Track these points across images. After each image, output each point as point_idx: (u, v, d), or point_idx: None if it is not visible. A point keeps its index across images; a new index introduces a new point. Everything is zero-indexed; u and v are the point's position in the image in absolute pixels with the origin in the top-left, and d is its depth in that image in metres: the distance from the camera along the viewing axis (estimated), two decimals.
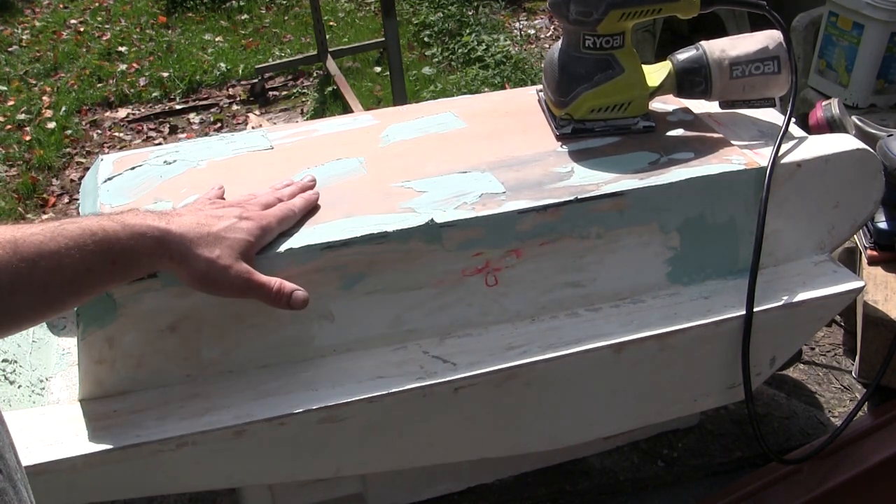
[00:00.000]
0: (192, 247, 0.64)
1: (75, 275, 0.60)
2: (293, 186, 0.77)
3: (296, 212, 0.73)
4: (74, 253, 0.59)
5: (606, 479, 0.93)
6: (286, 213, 0.72)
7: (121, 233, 0.62)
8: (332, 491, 0.85)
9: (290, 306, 0.67)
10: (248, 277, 0.66)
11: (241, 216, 0.69)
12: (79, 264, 0.60)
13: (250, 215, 0.70)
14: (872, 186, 0.85)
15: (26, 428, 0.69)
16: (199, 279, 0.65)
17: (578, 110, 0.84)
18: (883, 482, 0.87)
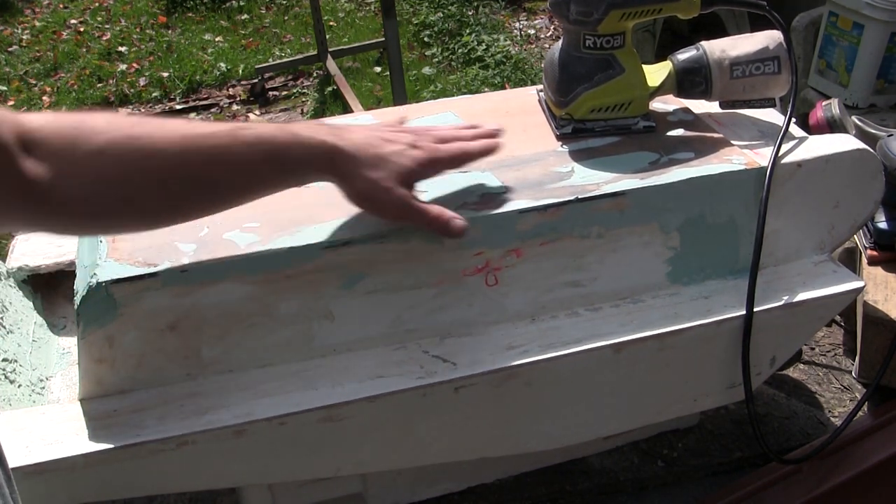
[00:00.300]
0: (358, 165, 0.66)
1: (245, 179, 0.64)
2: (477, 129, 0.76)
3: (471, 154, 0.72)
4: (248, 156, 0.63)
5: (606, 479, 0.93)
6: (460, 152, 0.72)
7: (292, 145, 0.65)
8: (332, 491, 0.85)
9: (448, 232, 0.69)
10: (407, 201, 0.68)
11: (413, 144, 0.70)
12: (251, 166, 0.64)
13: (422, 145, 0.70)
14: (872, 186, 0.85)
15: (26, 427, 0.69)
16: (361, 197, 0.68)
17: (579, 110, 0.84)
18: (883, 482, 0.87)
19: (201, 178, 0.63)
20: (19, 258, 0.89)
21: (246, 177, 0.64)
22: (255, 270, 0.70)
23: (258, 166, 0.64)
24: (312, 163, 0.66)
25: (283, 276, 0.70)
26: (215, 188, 0.64)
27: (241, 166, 0.64)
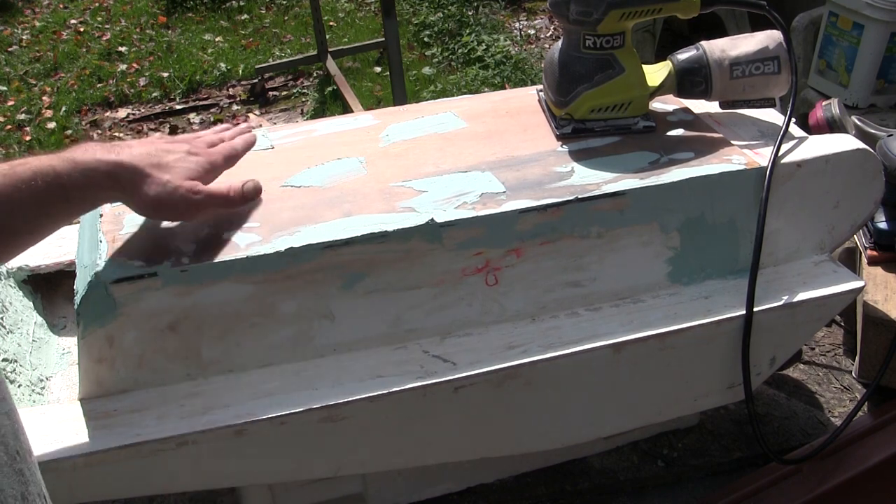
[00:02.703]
0: (143, 175, 0.66)
1: (29, 215, 0.61)
2: (233, 129, 0.80)
3: (238, 150, 0.76)
4: (27, 195, 0.60)
5: (606, 479, 0.93)
6: (230, 151, 0.75)
7: (72, 171, 0.63)
8: (332, 491, 0.85)
9: (245, 199, 0.71)
10: (199, 189, 0.68)
11: (190, 151, 0.72)
12: (32, 205, 0.61)
13: (198, 151, 0.72)
14: (872, 186, 0.85)
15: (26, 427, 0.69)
16: (152, 204, 0.67)
17: (578, 110, 0.84)
18: (883, 482, 0.87)
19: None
20: (19, 258, 0.89)
21: (30, 215, 0.62)
22: (255, 270, 0.70)
23: (41, 202, 0.62)
24: (97, 183, 0.64)
25: (283, 276, 0.70)
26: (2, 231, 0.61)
27: (23, 206, 0.61)
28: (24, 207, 0.61)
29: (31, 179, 0.61)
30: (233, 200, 0.71)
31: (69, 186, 0.63)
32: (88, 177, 0.64)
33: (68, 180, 0.63)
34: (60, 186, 0.62)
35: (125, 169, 0.65)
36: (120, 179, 0.65)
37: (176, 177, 0.68)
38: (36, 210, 0.62)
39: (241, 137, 0.78)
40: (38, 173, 0.61)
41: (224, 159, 0.74)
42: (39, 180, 0.61)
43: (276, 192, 0.78)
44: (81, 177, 0.63)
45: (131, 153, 0.67)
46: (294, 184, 0.79)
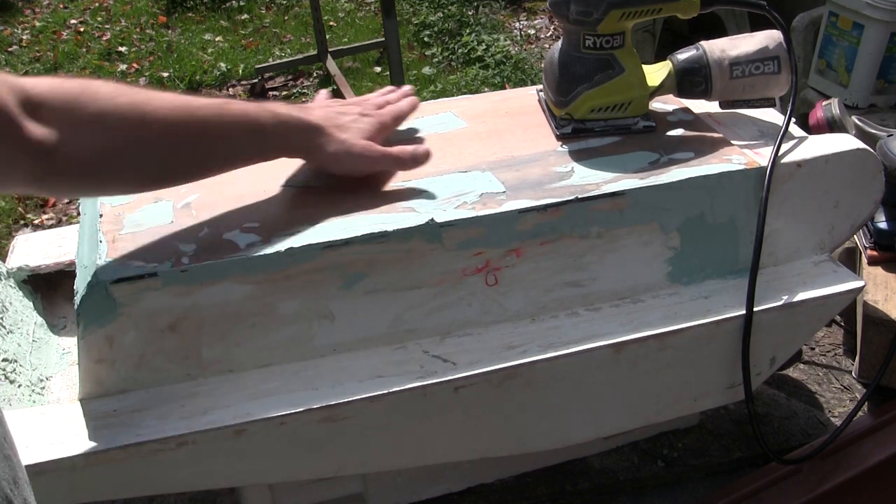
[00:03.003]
0: (325, 134, 0.74)
1: (230, 150, 0.70)
2: (398, 92, 0.87)
3: (405, 111, 0.84)
4: (233, 132, 0.70)
5: (606, 479, 0.93)
6: (397, 112, 0.82)
7: (272, 121, 0.71)
8: (332, 491, 0.85)
9: (415, 161, 0.78)
10: (373, 147, 0.76)
11: (362, 113, 0.79)
12: (234, 141, 0.70)
13: (369, 112, 0.80)
14: (872, 186, 0.85)
15: (26, 427, 0.69)
16: (332, 160, 0.75)
17: (578, 110, 0.84)
18: (883, 482, 0.87)
19: (193, 145, 0.68)
20: (19, 258, 0.89)
21: (230, 148, 0.70)
22: (255, 270, 0.70)
23: (242, 139, 0.70)
24: (290, 137, 0.73)
25: (283, 276, 0.70)
26: (204, 155, 0.69)
27: (228, 138, 0.69)
28: (229, 137, 0.69)
29: (239, 117, 0.69)
30: (404, 161, 0.77)
31: (268, 133, 0.71)
32: (285, 130, 0.72)
33: (269, 129, 0.71)
34: (262, 133, 0.71)
35: (312, 127, 0.74)
36: (308, 136, 0.74)
37: (352, 136, 0.76)
38: (236, 143, 0.70)
39: (406, 100, 0.85)
40: (245, 115, 0.70)
41: (392, 119, 0.81)
42: (246, 122, 0.70)
43: (276, 192, 0.78)
44: (280, 127, 0.72)
45: (317, 115, 0.75)
46: (294, 184, 0.79)
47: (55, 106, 0.61)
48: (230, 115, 0.69)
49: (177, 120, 0.66)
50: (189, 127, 0.67)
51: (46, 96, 0.60)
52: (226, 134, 0.69)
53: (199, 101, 0.68)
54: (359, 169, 0.77)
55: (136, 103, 0.64)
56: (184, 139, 0.67)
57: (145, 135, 0.65)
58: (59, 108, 0.61)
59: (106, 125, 0.63)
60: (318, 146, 0.74)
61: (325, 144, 0.74)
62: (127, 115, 0.64)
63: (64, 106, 0.61)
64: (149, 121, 0.65)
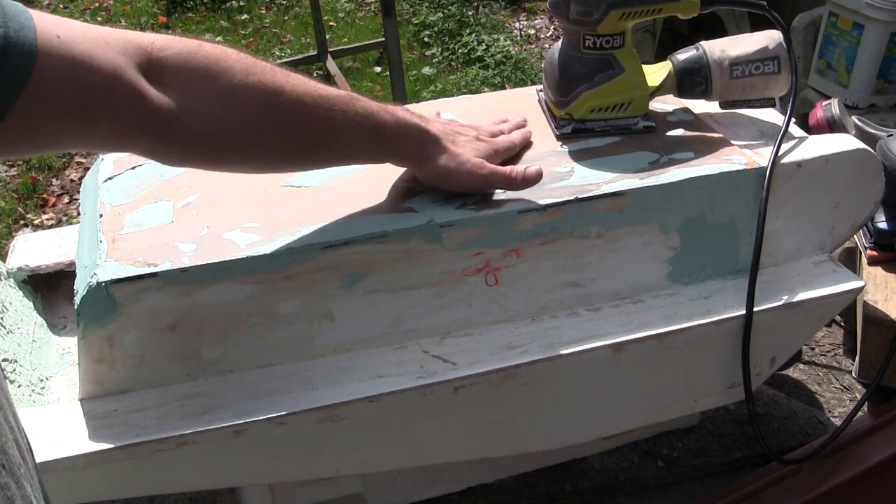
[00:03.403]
0: (440, 147, 0.74)
1: (349, 145, 0.70)
2: (510, 123, 0.86)
3: (516, 145, 0.83)
4: (355, 128, 0.69)
5: (606, 479, 0.93)
6: (510, 143, 0.82)
7: (392, 124, 0.71)
8: (332, 491, 0.85)
9: (526, 181, 0.76)
10: (484, 165, 0.76)
11: (477, 137, 0.80)
12: (355, 138, 0.70)
13: (483, 139, 0.80)
14: (872, 186, 0.85)
15: (26, 427, 0.69)
16: (443, 172, 0.74)
17: (578, 110, 0.84)
18: (883, 482, 0.87)
19: (314, 135, 0.68)
20: (19, 258, 0.89)
21: (350, 144, 0.70)
22: (255, 270, 0.70)
23: (362, 137, 0.70)
24: (407, 143, 0.73)
25: (283, 276, 0.70)
26: (322, 147, 0.69)
27: (349, 134, 0.69)
28: (351, 133, 0.69)
29: (364, 114, 0.69)
30: (514, 181, 0.76)
31: (387, 135, 0.71)
32: (403, 134, 0.72)
33: (388, 129, 0.71)
34: (382, 132, 0.71)
35: (430, 137, 0.74)
36: (423, 144, 0.73)
37: (465, 152, 0.75)
38: (356, 140, 0.70)
39: (518, 132, 0.85)
40: (368, 114, 0.69)
41: (505, 150, 0.81)
42: (368, 120, 0.69)
43: (276, 192, 0.78)
44: (398, 130, 0.72)
45: (436, 126, 0.76)
46: (294, 184, 0.79)
47: (182, 74, 0.60)
48: (354, 111, 0.68)
49: (301, 109, 0.66)
50: (313, 117, 0.66)
51: (173, 62, 0.60)
52: (347, 129, 0.68)
53: (328, 92, 0.68)
54: (468, 186, 0.76)
55: (265, 86, 0.64)
56: (304, 130, 0.67)
57: (268, 120, 0.65)
58: (186, 77, 0.61)
59: (230, 103, 0.62)
60: (430, 156, 0.73)
61: (438, 156, 0.74)
62: (254, 98, 0.63)
63: (192, 76, 0.61)
64: (274, 107, 0.64)
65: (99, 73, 0.56)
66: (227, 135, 0.64)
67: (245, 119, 0.64)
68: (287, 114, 0.65)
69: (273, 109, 0.64)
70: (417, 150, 0.73)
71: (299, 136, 0.67)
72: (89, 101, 0.56)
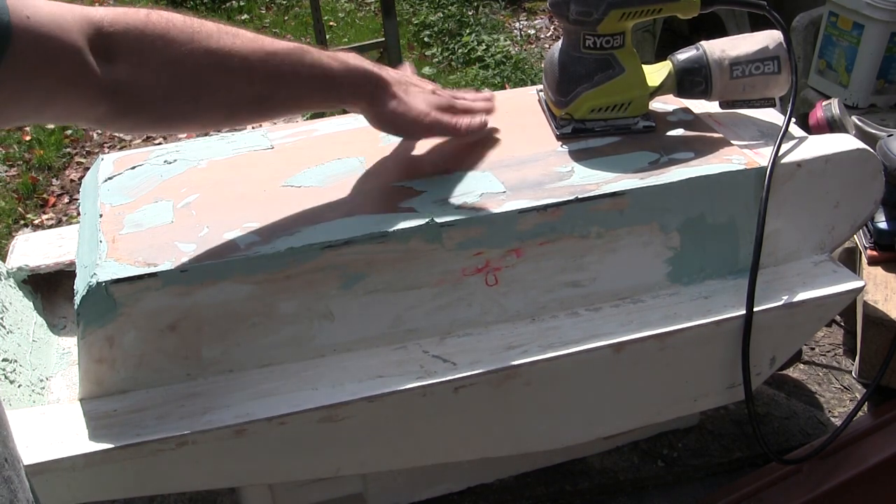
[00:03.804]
0: (390, 92, 0.76)
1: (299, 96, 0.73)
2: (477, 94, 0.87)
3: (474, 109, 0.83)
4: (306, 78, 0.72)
5: (606, 479, 0.93)
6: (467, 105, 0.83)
7: (341, 69, 0.73)
8: (332, 491, 0.85)
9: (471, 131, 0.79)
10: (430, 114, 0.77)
11: (434, 91, 0.81)
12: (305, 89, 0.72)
13: (440, 93, 0.82)
14: (872, 186, 0.85)
15: (26, 427, 0.69)
16: (389, 116, 0.76)
17: (578, 110, 0.84)
18: (883, 482, 0.87)
19: (262, 90, 0.70)
20: (19, 258, 0.89)
21: (300, 94, 0.73)
22: (255, 270, 0.70)
23: (312, 87, 0.72)
24: (357, 86, 0.74)
25: (283, 276, 0.70)
26: (271, 100, 0.71)
27: (298, 85, 0.71)
28: (300, 85, 0.72)
29: (313, 65, 0.71)
30: (459, 130, 0.78)
31: (336, 81, 0.73)
32: (353, 78, 0.74)
33: (336, 76, 0.73)
34: (329, 79, 0.73)
35: (381, 81, 0.76)
36: (372, 85, 0.75)
37: (415, 101, 0.77)
38: (306, 90, 0.72)
39: (481, 103, 0.85)
40: (316, 64, 0.72)
41: (463, 108, 0.82)
42: (317, 69, 0.72)
43: (276, 192, 0.78)
44: (347, 76, 0.74)
45: (390, 73, 0.78)
46: (294, 184, 0.79)
47: (130, 47, 0.62)
48: (302, 64, 0.71)
49: (248, 67, 0.67)
50: (261, 73, 0.68)
51: (122, 36, 0.62)
52: (295, 82, 0.71)
53: (276, 47, 0.70)
54: (413, 132, 0.78)
55: (211, 50, 0.65)
56: (253, 87, 0.69)
57: (216, 83, 0.67)
58: (134, 49, 0.62)
59: (178, 71, 0.64)
60: (379, 99, 0.76)
61: (387, 99, 0.76)
62: (201, 63, 0.65)
63: (140, 48, 0.62)
64: (222, 70, 0.66)
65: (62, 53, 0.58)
66: (178, 101, 0.66)
67: (193, 86, 0.66)
68: (235, 74, 0.67)
69: (221, 72, 0.66)
70: (365, 91, 0.75)
71: (249, 93, 0.69)
72: (51, 80, 0.58)
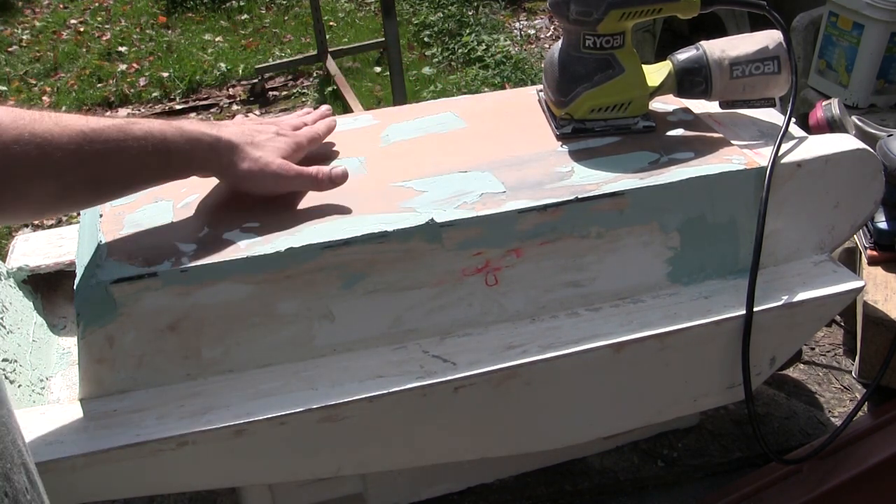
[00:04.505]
0: (239, 151, 0.72)
1: (135, 171, 0.68)
2: (314, 114, 0.86)
3: (321, 134, 0.83)
4: (136, 152, 0.67)
5: (606, 479, 0.93)
6: (313, 134, 0.81)
7: (179, 139, 0.69)
8: (332, 491, 0.85)
9: (332, 182, 0.76)
10: (289, 166, 0.75)
11: (278, 132, 0.78)
12: (138, 162, 0.67)
13: (285, 133, 0.78)
14: (872, 186, 0.85)
15: (26, 427, 0.69)
16: (245, 177, 0.73)
17: (578, 110, 0.84)
18: (883, 482, 0.86)
19: (95, 171, 0.65)
20: (19, 258, 0.89)
21: (135, 170, 0.68)
22: (255, 270, 0.70)
23: (147, 160, 0.68)
24: (199, 153, 0.70)
25: (283, 276, 0.70)
26: (106, 180, 0.67)
27: (132, 160, 0.67)
28: (132, 163, 0.67)
29: (142, 138, 0.67)
30: (320, 181, 0.75)
31: (174, 151, 0.69)
32: (192, 146, 0.70)
33: (174, 146, 0.69)
34: (167, 151, 0.68)
35: (224, 143, 0.72)
36: (219, 152, 0.71)
37: (267, 154, 0.74)
38: (141, 168, 0.68)
39: (322, 122, 0.85)
40: (149, 134, 0.67)
41: (308, 141, 0.80)
42: (149, 141, 0.67)
43: None
44: (186, 144, 0.69)
45: (229, 131, 0.73)
46: None
47: None
48: (133, 135, 0.66)
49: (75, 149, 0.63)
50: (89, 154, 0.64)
51: None
52: (127, 158, 0.66)
53: (101, 122, 0.65)
54: (273, 188, 0.75)
55: (35, 134, 0.61)
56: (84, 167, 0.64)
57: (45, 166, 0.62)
58: None
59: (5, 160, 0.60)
60: (230, 163, 0.72)
61: (239, 162, 0.72)
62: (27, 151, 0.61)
63: None
64: (48, 152, 0.62)
65: None
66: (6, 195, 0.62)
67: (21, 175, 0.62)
68: (62, 157, 0.63)
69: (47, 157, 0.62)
70: (215, 159, 0.71)
71: (80, 177, 0.65)
72: None
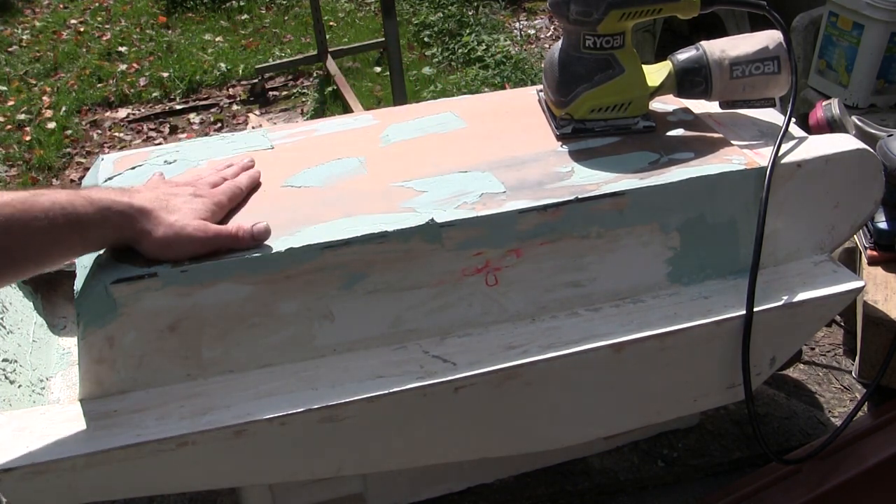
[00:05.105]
0: (153, 217, 0.69)
1: (42, 246, 0.64)
2: (235, 167, 0.81)
3: (242, 189, 0.77)
4: (44, 226, 0.63)
5: (606, 479, 0.93)
6: (234, 190, 0.76)
7: (88, 208, 0.65)
8: (332, 491, 0.85)
9: (255, 240, 0.71)
10: (207, 227, 0.70)
11: (195, 194, 0.74)
12: (47, 237, 0.63)
13: (202, 193, 0.74)
14: (872, 186, 0.85)
15: (26, 427, 0.69)
16: (161, 244, 0.68)
17: (578, 110, 0.84)
18: (883, 482, 0.87)
19: None
20: None
21: (44, 243, 0.64)
22: (255, 270, 0.70)
23: (56, 233, 0.64)
24: (111, 223, 0.67)
25: (283, 276, 0.70)
26: (13, 256, 0.63)
27: (39, 233, 0.63)
28: (39, 237, 0.63)
29: (48, 210, 0.63)
30: (242, 240, 0.71)
31: (86, 223, 0.65)
32: (104, 216, 0.66)
33: (85, 216, 0.65)
34: (78, 222, 0.65)
35: (136, 210, 0.68)
36: (132, 220, 0.68)
37: (183, 217, 0.70)
38: (50, 242, 0.64)
39: (244, 175, 0.79)
40: (56, 205, 0.63)
41: (228, 199, 0.75)
42: (58, 213, 0.63)
43: (276, 192, 0.78)
44: (97, 214, 0.66)
45: (141, 197, 0.70)
46: (294, 184, 0.79)
47: None
48: (39, 208, 0.63)
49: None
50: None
51: None
52: (35, 230, 0.62)
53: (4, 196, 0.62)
54: (192, 251, 0.70)
55: None
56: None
57: None
58: None
59: None
60: (145, 231, 0.68)
61: (154, 229, 0.68)
62: None
63: None
64: None
65: None
66: None
67: None
68: None
69: None
70: (128, 228, 0.68)
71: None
72: None
